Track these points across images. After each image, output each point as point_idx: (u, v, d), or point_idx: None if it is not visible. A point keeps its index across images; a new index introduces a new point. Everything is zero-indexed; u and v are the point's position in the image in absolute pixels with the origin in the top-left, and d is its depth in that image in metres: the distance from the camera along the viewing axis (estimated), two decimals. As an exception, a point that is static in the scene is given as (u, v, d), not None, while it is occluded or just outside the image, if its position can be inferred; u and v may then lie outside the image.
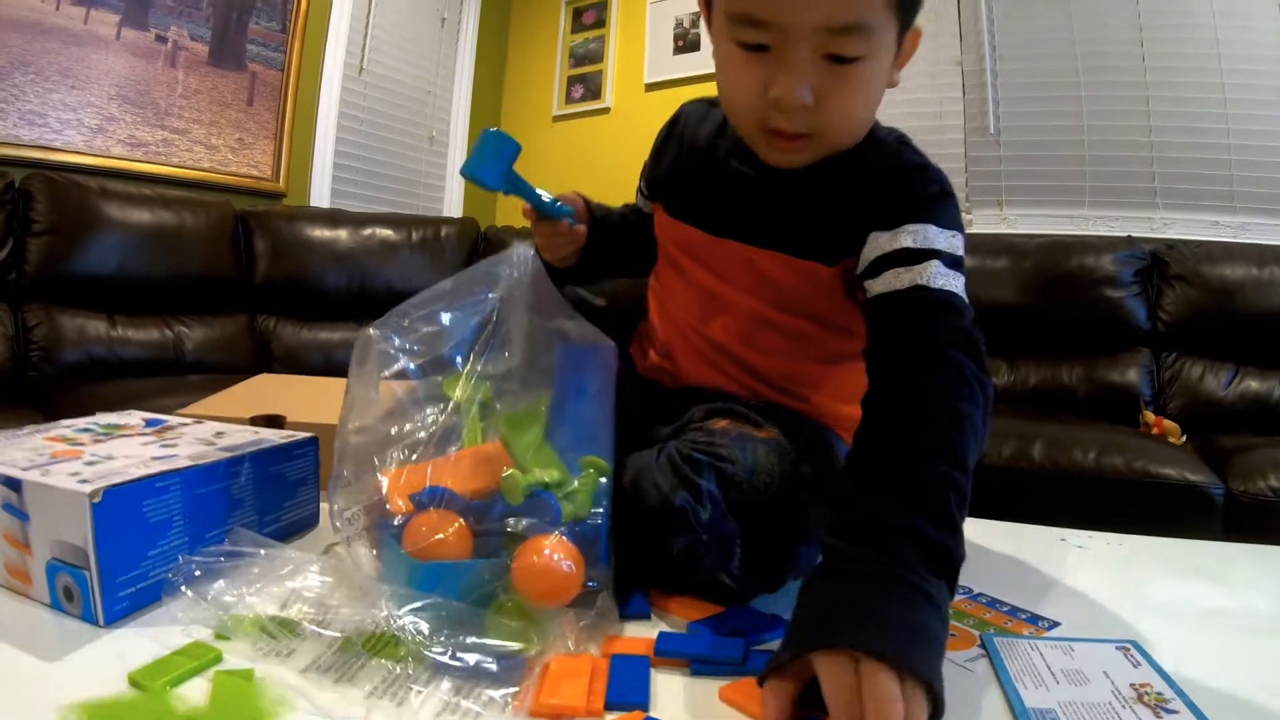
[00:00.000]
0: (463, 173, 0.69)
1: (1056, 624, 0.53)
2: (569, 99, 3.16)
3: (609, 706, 0.40)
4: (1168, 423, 1.75)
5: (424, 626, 0.42)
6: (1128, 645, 0.49)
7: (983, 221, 2.35)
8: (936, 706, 0.37)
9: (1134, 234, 2.11)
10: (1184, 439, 1.72)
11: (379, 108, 2.84)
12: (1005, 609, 0.56)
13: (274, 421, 0.85)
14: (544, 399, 0.55)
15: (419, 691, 0.40)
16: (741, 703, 0.41)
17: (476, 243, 2.54)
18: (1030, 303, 2.00)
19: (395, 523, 0.49)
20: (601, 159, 3.05)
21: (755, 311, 0.67)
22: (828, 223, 0.61)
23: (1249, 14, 2.05)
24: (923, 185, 0.60)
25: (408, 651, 0.42)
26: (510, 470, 0.50)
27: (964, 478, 0.45)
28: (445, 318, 0.54)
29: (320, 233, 2.26)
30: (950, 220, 0.58)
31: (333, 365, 2.18)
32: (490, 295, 0.56)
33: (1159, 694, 0.43)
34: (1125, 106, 2.18)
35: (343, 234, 2.29)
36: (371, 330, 0.54)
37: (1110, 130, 2.20)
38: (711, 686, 0.43)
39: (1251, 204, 2.07)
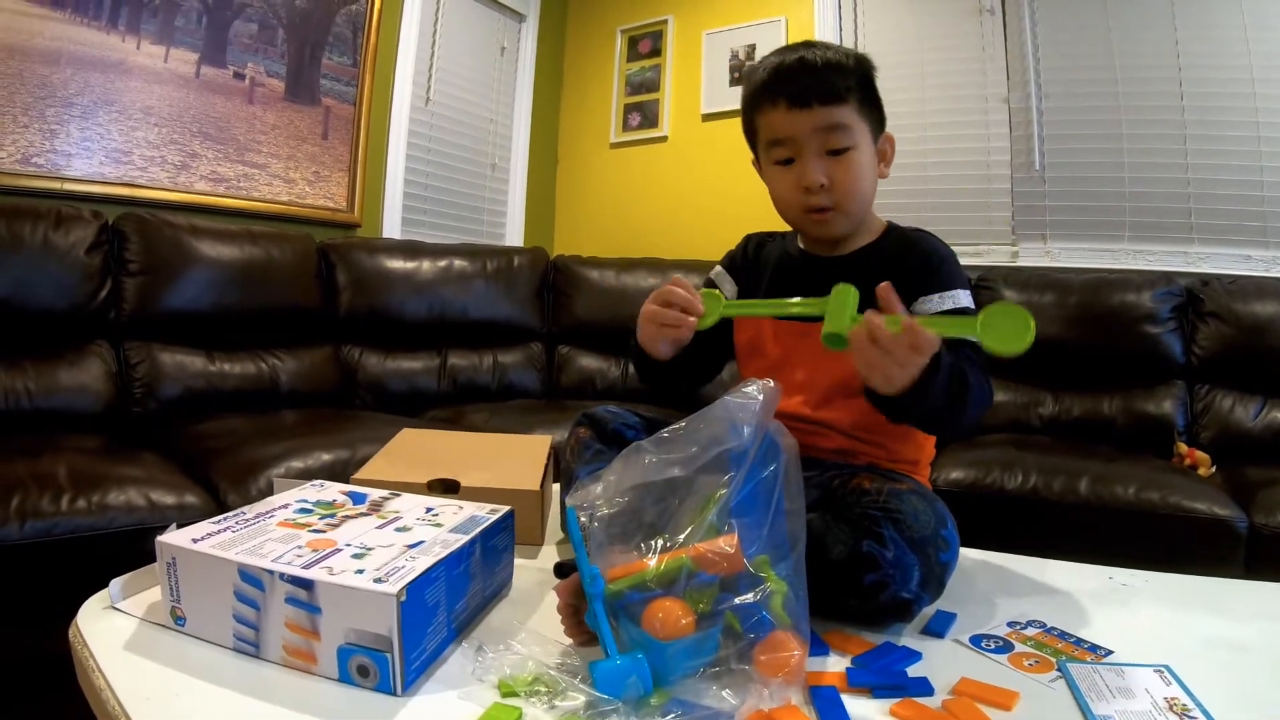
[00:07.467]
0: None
1: (1110, 651, 0.68)
2: (626, 126, 3.18)
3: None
4: (1199, 453, 1.86)
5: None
6: (1162, 669, 0.64)
7: (1028, 255, 2.44)
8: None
9: (1170, 268, 2.21)
10: (1214, 469, 1.82)
11: (444, 137, 2.93)
12: (1072, 640, 0.71)
13: (450, 486, 0.99)
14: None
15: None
16: (909, 717, 0.55)
17: (547, 271, 2.61)
18: (1075, 337, 2.09)
19: (634, 599, 0.60)
20: (659, 186, 3.09)
21: (830, 375, 0.85)
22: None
23: (1283, 55, 2.13)
24: (944, 261, 0.87)
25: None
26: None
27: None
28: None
29: (399, 264, 2.33)
30: (967, 281, 0.87)
31: (417, 392, 2.27)
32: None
33: (1185, 705, 0.57)
34: (1164, 145, 2.27)
35: (421, 265, 2.36)
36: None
37: (1149, 168, 2.29)
38: (879, 705, 0.57)
39: (1285, 239, 2.15)
